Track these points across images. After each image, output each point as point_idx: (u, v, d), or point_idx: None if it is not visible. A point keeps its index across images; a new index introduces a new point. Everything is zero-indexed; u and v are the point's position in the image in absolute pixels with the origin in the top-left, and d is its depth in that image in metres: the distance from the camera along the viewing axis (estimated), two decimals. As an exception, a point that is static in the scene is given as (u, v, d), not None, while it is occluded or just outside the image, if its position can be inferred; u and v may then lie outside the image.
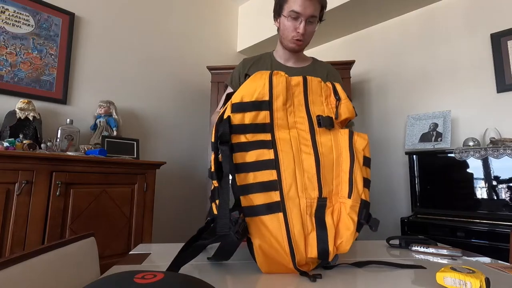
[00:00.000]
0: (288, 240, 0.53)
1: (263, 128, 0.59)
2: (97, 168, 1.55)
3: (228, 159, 0.55)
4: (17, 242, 1.26)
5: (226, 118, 0.58)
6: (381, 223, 0.61)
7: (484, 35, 2.03)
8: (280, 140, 0.58)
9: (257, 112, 0.59)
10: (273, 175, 0.56)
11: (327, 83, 0.66)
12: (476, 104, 2.03)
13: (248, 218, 0.54)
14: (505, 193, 1.64)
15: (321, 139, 0.60)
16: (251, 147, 0.57)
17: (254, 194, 0.55)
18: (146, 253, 0.72)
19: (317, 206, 0.56)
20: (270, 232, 0.54)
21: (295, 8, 0.94)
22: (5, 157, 1.26)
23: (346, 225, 0.56)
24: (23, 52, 1.76)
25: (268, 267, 0.56)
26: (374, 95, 2.57)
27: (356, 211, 0.56)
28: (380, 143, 2.47)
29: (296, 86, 0.63)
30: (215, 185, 0.58)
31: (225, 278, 0.55)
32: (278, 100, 0.60)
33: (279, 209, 0.54)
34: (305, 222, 0.55)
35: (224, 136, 0.56)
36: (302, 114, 0.62)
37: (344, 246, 0.55)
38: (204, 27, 2.86)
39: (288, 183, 0.56)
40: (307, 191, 0.56)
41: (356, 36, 2.77)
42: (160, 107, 2.43)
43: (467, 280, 0.45)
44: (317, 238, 0.54)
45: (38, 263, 0.50)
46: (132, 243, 1.65)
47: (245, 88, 0.61)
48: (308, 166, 0.57)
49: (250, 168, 0.56)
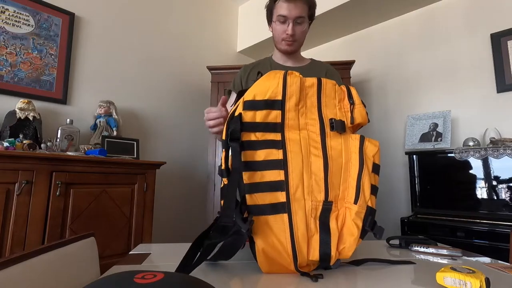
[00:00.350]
0: (291, 241, 0.53)
1: (274, 128, 0.58)
2: (97, 168, 1.55)
3: (238, 156, 0.55)
4: (17, 242, 1.26)
5: (237, 115, 0.57)
6: (381, 223, 0.61)
7: (484, 35, 2.03)
8: (289, 140, 0.58)
9: (268, 111, 0.58)
10: (280, 176, 0.55)
11: (342, 87, 0.65)
12: (476, 104, 2.03)
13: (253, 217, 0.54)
14: (505, 193, 1.64)
15: (331, 142, 0.59)
16: (260, 146, 0.57)
17: (260, 193, 0.55)
18: (146, 253, 0.72)
19: (322, 210, 0.56)
20: (273, 233, 0.54)
21: (282, 12, 0.99)
22: (5, 157, 1.26)
23: (350, 230, 0.55)
24: (23, 52, 1.76)
25: (269, 267, 0.56)
26: (374, 95, 2.57)
27: (361, 218, 0.56)
28: (380, 143, 2.44)
29: (310, 87, 0.62)
30: (225, 183, 0.58)
31: (225, 278, 0.55)
32: (291, 100, 0.59)
33: (284, 210, 0.54)
34: (309, 224, 0.55)
35: (235, 133, 0.56)
36: (314, 116, 0.61)
37: (347, 251, 0.55)
38: (204, 27, 2.86)
39: (295, 184, 0.55)
40: (313, 194, 0.56)
41: (356, 36, 2.77)
42: (160, 107, 2.43)
43: (467, 280, 0.45)
44: (320, 241, 0.54)
45: (38, 263, 0.50)
46: (132, 243, 1.65)
47: (258, 86, 0.60)
48: (316, 169, 0.57)
49: (258, 166, 0.56)
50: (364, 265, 0.62)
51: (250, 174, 0.55)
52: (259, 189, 0.55)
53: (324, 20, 2.54)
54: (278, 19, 1.01)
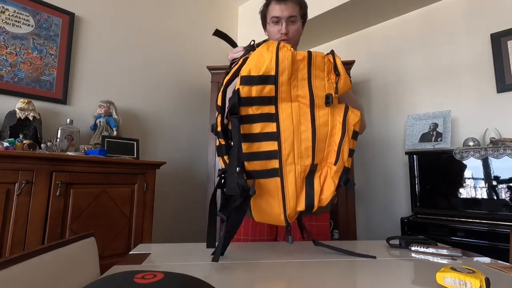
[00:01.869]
0: (282, 199, 0.65)
1: (269, 101, 0.65)
2: (97, 168, 1.55)
3: (237, 130, 0.62)
4: (17, 242, 1.26)
5: (236, 90, 0.64)
6: (381, 223, 0.63)
7: (484, 35, 2.03)
8: (282, 112, 0.66)
9: (263, 86, 0.64)
10: (274, 146, 0.65)
11: (329, 57, 0.71)
12: (476, 104, 2.03)
13: (250, 180, 0.63)
14: (505, 193, 1.64)
15: (319, 113, 0.68)
16: (256, 119, 0.65)
17: (257, 161, 0.64)
18: (146, 253, 0.72)
19: (309, 171, 0.67)
20: (268, 192, 0.65)
21: (274, 13, 1.02)
22: (5, 157, 1.26)
23: (328, 185, 0.67)
24: (23, 52, 1.76)
25: (261, 217, 0.68)
26: (374, 95, 2.57)
27: (338, 176, 0.67)
28: (380, 143, 2.47)
29: (301, 60, 0.68)
30: (221, 142, 0.67)
31: (225, 278, 0.55)
32: (283, 75, 0.65)
33: (277, 174, 0.65)
34: (298, 184, 0.65)
35: (234, 108, 0.63)
36: (305, 88, 0.68)
37: (324, 201, 0.67)
38: (204, 27, 2.86)
39: (287, 153, 0.65)
40: (302, 159, 0.66)
41: (356, 36, 2.77)
42: (160, 107, 2.43)
43: (467, 280, 0.45)
44: (305, 195, 0.66)
45: (38, 263, 0.50)
46: (132, 243, 1.65)
47: (252, 61, 0.66)
48: (305, 138, 0.66)
49: (255, 138, 0.65)
50: (365, 264, 0.63)
51: (249, 144, 0.64)
52: (256, 157, 0.64)
53: (324, 20, 2.54)
54: (271, 20, 1.04)
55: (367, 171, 2.50)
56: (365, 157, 2.52)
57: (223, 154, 0.68)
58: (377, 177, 2.45)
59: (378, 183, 2.43)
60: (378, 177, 2.44)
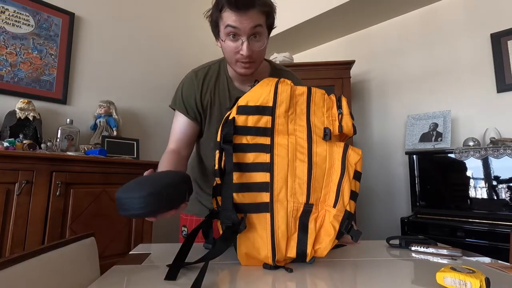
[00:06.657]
0: (271, 239, 0.58)
1: (264, 132, 0.62)
2: (97, 168, 1.55)
3: (231, 158, 0.58)
4: (17, 242, 1.26)
5: (231, 119, 0.61)
6: (381, 223, 0.62)
7: (484, 35, 2.03)
8: (278, 145, 0.62)
9: (260, 116, 0.62)
10: (266, 177, 0.60)
11: (331, 96, 0.68)
12: (476, 104, 2.03)
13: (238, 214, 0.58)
14: (505, 193, 1.64)
15: (317, 149, 0.63)
16: (250, 149, 0.61)
17: (247, 193, 0.59)
18: (146, 253, 0.72)
19: (303, 211, 0.60)
20: (255, 230, 0.59)
21: (230, 22, 0.73)
22: (5, 157, 1.26)
23: (327, 231, 0.59)
24: (23, 52, 1.76)
25: (247, 261, 0.61)
26: (374, 95, 2.57)
27: (339, 220, 0.59)
28: (380, 143, 2.47)
29: (300, 95, 0.66)
30: (217, 182, 0.62)
31: (225, 278, 0.55)
32: (281, 107, 0.63)
33: (267, 210, 0.59)
34: (290, 224, 0.59)
35: (228, 136, 0.60)
36: (303, 122, 0.64)
37: (322, 251, 0.59)
38: (204, 27, 2.85)
39: (279, 187, 0.59)
40: (295, 196, 0.60)
41: (356, 36, 2.77)
42: (160, 107, 2.43)
43: (467, 280, 0.45)
44: (297, 240, 0.59)
45: (38, 263, 0.50)
46: (132, 243, 1.65)
47: (252, 93, 0.65)
48: (300, 173, 0.61)
49: (247, 168, 0.60)
50: (365, 264, 0.62)
51: (240, 174, 0.60)
52: (247, 189, 0.59)
53: (324, 20, 2.55)
54: (226, 32, 0.75)
55: (367, 171, 2.50)
56: (365, 157, 2.52)
57: (217, 195, 0.63)
58: (377, 177, 2.45)
59: (378, 183, 2.43)
60: (378, 177, 2.44)
